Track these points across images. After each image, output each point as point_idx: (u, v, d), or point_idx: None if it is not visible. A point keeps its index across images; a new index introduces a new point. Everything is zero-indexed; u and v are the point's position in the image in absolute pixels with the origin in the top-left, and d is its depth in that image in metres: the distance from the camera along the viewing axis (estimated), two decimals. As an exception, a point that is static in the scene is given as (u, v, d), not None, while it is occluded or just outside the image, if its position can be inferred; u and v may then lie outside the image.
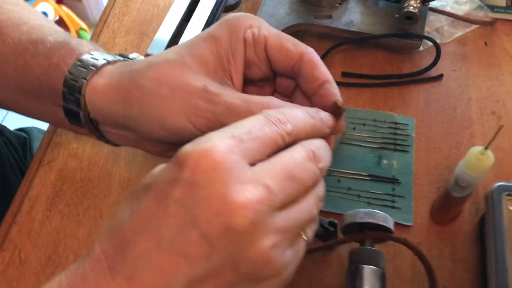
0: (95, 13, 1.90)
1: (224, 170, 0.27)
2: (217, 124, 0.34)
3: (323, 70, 0.36)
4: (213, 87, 0.34)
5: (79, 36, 1.81)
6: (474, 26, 0.67)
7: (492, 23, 0.68)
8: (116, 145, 0.42)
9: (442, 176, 0.56)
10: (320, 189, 0.32)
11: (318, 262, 0.51)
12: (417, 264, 0.50)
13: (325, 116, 0.34)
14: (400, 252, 0.51)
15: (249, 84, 0.38)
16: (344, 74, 0.64)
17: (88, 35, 1.84)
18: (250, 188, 0.27)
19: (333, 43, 0.65)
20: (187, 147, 0.28)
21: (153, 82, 0.35)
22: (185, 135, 0.35)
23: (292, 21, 0.64)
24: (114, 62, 0.39)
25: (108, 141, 0.41)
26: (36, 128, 0.80)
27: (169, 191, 0.28)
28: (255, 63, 0.37)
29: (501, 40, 0.67)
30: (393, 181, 0.56)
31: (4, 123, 0.74)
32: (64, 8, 1.82)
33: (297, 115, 0.32)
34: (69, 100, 0.38)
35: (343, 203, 0.54)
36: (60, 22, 1.78)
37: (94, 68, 0.37)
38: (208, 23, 0.58)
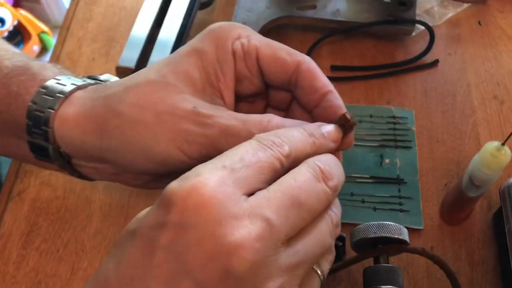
0: (57, 15, 1.81)
1: (216, 205, 0.23)
2: (212, 149, 0.29)
3: (323, 80, 0.32)
4: (204, 108, 0.30)
5: (41, 40, 1.72)
6: (465, 5, 0.63)
7: (484, 0, 0.64)
8: (91, 179, 0.37)
9: (450, 172, 0.52)
10: (335, 212, 0.28)
11: (326, 279, 0.47)
12: (433, 271, 0.47)
13: (329, 130, 0.30)
14: (414, 260, 0.47)
15: (239, 101, 0.34)
16: (333, 68, 0.59)
17: (51, 37, 1.75)
18: (247, 223, 0.23)
19: (319, 35, 0.60)
20: (173, 185, 0.24)
21: (134, 108, 0.30)
22: (174, 165, 0.30)
23: (273, 14, 0.59)
24: (84, 86, 0.34)
25: (82, 177, 0.36)
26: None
27: (156, 237, 0.24)
28: (247, 77, 0.32)
29: (495, 18, 0.63)
30: (398, 181, 0.52)
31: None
32: (23, 12, 1.71)
33: (293, 135, 0.28)
34: (34, 134, 0.33)
35: (347, 211, 0.50)
36: (20, 27, 1.68)
37: (61, 96, 0.32)
38: (184, 25, 0.53)
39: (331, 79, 0.61)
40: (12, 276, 0.48)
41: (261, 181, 0.25)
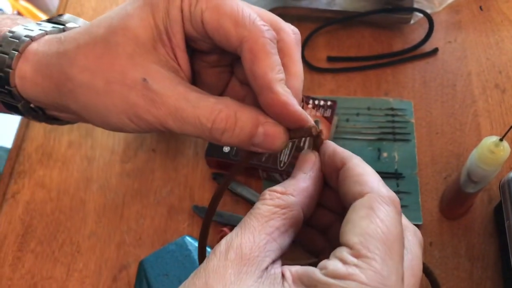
0: (57, 4, 1.79)
1: None
2: (160, 127, 0.28)
3: (266, 66, 0.26)
4: (155, 81, 0.28)
5: (42, 30, 1.70)
6: (466, -10, 0.61)
7: (485, -16, 0.62)
8: (72, 123, 0.36)
9: (449, 164, 0.51)
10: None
11: None
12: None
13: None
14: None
15: (205, 66, 0.32)
16: (330, 59, 0.58)
17: (52, 27, 1.73)
18: None
19: (315, 26, 0.58)
20: None
21: (85, 73, 0.29)
22: (131, 132, 0.30)
23: (267, 5, 0.57)
24: (41, 36, 0.32)
25: (62, 122, 0.36)
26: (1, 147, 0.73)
27: None
28: (198, 39, 0.29)
29: (497, 2, 0.61)
30: (397, 176, 0.50)
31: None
32: (22, 2, 1.70)
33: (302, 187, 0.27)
34: (2, 94, 0.32)
35: (344, 207, 0.49)
36: (20, 17, 1.67)
37: (15, 52, 0.31)
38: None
39: (329, 71, 0.59)
40: (8, 278, 0.48)
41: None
